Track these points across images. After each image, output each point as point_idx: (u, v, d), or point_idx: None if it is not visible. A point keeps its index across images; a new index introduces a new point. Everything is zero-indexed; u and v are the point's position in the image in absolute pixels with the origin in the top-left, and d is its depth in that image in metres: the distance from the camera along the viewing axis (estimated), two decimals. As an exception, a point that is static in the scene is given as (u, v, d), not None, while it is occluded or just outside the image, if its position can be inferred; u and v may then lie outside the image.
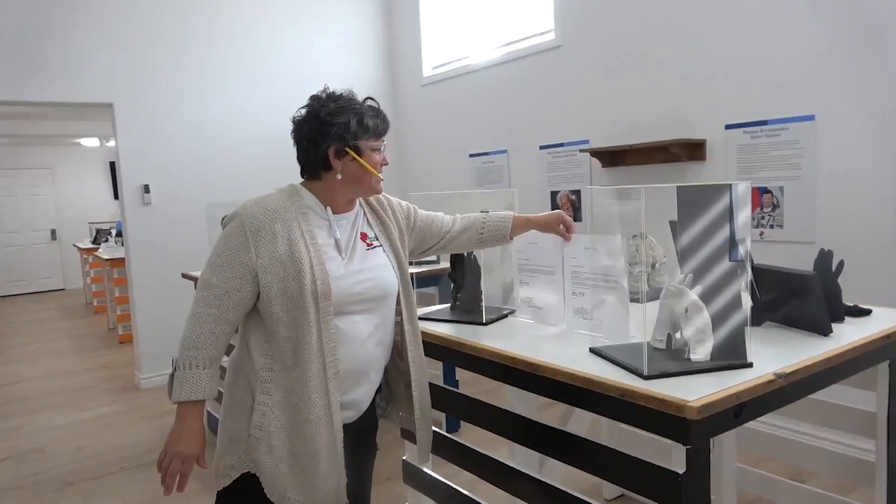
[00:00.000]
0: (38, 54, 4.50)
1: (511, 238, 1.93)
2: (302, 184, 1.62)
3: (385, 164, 1.60)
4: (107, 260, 6.94)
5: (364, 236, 1.63)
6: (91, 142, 10.37)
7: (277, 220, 1.50)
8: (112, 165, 10.96)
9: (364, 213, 1.68)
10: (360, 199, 1.68)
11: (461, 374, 3.40)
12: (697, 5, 3.52)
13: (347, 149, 1.54)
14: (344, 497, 1.56)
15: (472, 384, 2.99)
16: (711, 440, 2.30)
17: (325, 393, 1.48)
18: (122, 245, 5.34)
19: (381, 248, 1.65)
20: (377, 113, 1.60)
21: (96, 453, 3.70)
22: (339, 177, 1.56)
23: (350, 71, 5.91)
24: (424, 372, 1.72)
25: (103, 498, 3.14)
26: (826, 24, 3.02)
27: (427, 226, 1.84)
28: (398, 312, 1.67)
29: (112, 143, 4.98)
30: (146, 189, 4.86)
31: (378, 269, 1.60)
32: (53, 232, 11.34)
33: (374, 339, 1.59)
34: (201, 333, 1.46)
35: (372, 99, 1.64)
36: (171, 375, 1.48)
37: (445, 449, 2.05)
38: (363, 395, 1.61)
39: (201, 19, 5.12)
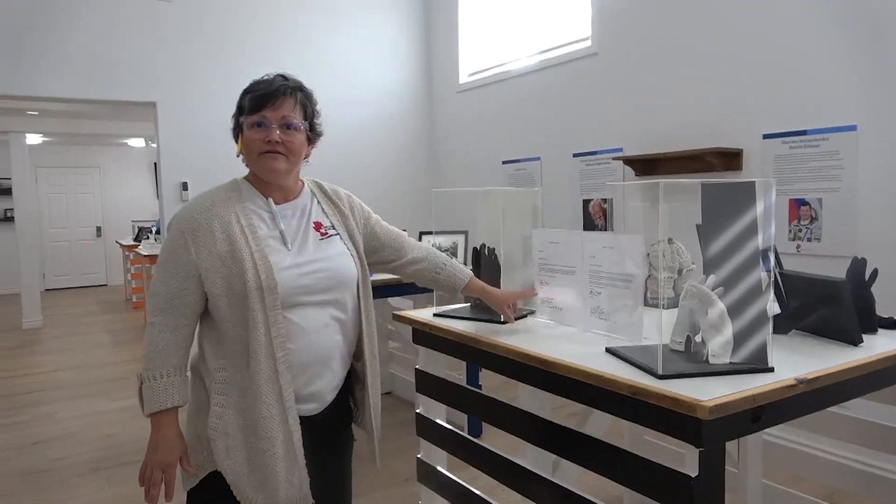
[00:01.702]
0: (86, 54, 4.67)
1: (461, 294, 1.86)
2: (244, 177, 1.58)
3: (270, 141, 1.46)
4: (145, 256, 7.12)
5: (318, 225, 1.58)
6: (137, 142, 10.68)
7: (214, 217, 1.46)
8: (156, 166, 11.28)
9: (318, 203, 1.62)
10: (314, 188, 1.64)
11: (485, 381, 3.38)
12: (736, 12, 3.45)
13: (239, 130, 1.52)
14: (309, 497, 1.51)
15: (497, 391, 2.96)
16: (735, 453, 2.24)
17: (278, 389, 1.44)
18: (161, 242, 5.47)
19: (337, 236, 1.59)
20: (257, 86, 1.50)
21: (124, 441, 3.77)
22: (242, 160, 1.54)
23: (387, 77, 5.98)
24: (376, 370, 1.68)
25: (126, 484, 3.20)
26: (870, 32, 2.93)
27: (388, 237, 1.78)
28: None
29: (156, 143, 5.12)
30: (184, 186, 4.98)
31: (334, 258, 1.55)
32: (98, 229, 11.69)
33: (332, 328, 1.53)
34: (160, 343, 1.45)
35: (282, 75, 1.54)
36: (140, 390, 1.47)
37: (462, 450, 2.02)
38: (326, 386, 1.55)
39: (243, 22, 5.25)
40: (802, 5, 3.16)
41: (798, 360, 1.48)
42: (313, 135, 1.59)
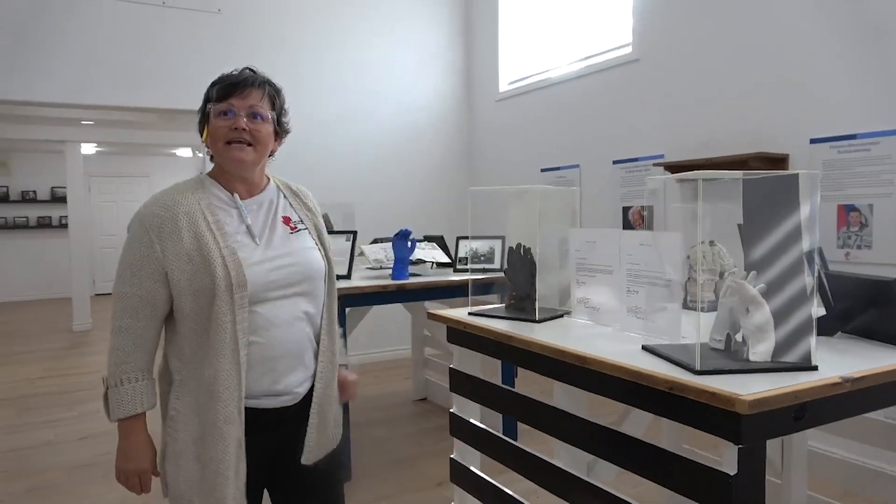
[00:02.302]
0: (136, 64, 4.83)
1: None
2: (208, 173, 1.54)
3: (237, 129, 1.43)
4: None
5: (287, 220, 1.55)
6: (185, 152, 10.98)
7: (180, 213, 1.41)
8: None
9: (285, 197, 1.60)
10: (279, 184, 1.61)
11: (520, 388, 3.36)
12: (779, 15, 3.38)
13: (206, 120, 1.48)
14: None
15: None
16: (779, 462, 2.16)
17: (238, 388, 1.38)
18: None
19: (306, 230, 1.57)
20: (226, 77, 1.50)
21: (165, 439, 3.85)
22: (209, 151, 1.50)
23: (428, 85, 6.03)
24: (333, 367, 1.59)
25: (166, 480, 3.26)
26: (925, 32, 2.83)
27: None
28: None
29: (202, 152, 5.27)
30: (228, 192, 5.10)
31: (303, 252, 1.52)
32: (146, 236, 12.02)
33: (303, 322, 1.50)
34: (125, 347, 1.40)
35: (250, 68, 1.56)
36: (105, 395, 1.42)
37: (495, 450, 2.00)
38: (300, 379, 1.51)
39: (286, 32, 5.37)
40: (850, 6, 3.08)
41: (844, 361, 1.43)
42: (281, 130, 1.56)
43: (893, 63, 2.93)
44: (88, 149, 10.02)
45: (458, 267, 3.70)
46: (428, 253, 3.61)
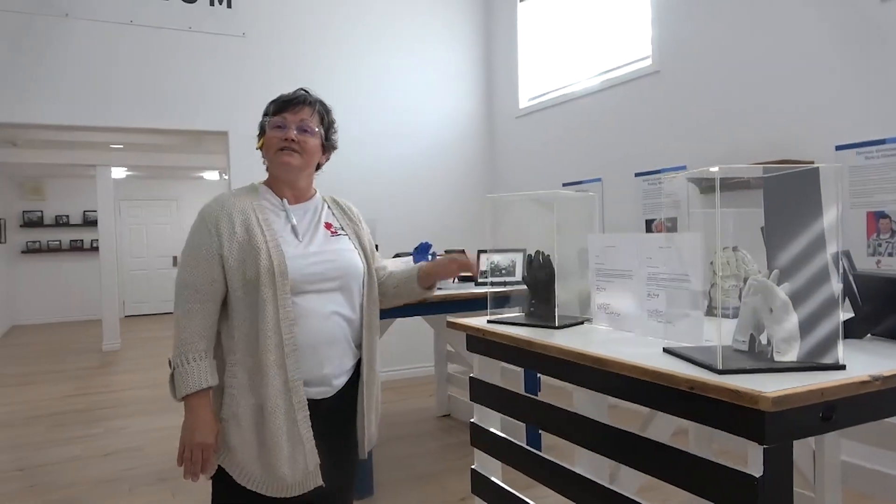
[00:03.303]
0: (163, 87, 4.95)
1: (425, 286, 1.86)
2: (262, 182, 1.74)
3: (287, 139, 1.64)
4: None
5: (329, 225, 1.73)
6: (212, 175, 11.18)
7: (234, 210, 1.60)
8: (229, 198, 11.75)
9: (329, 208, 1.78)
10: (326, 198, 1.80)
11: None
12: (801, 21, 3.35)
13: (263, 132, 1.70)
14: (318, 476, 1.58)
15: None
16: (811, 474, 2.09)
17: (283, 369, 1.53)
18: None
19: (346, 236, 1.74)
20: (282, 96, 1.72)
21: (189, 455, 3.87)
22: (265, 162, 1.72)
23: (448, 103, 6.08)
24: (374, 361, 1.75)
25: (190, 493, 3.27)
26: (952, 33, 2.78)
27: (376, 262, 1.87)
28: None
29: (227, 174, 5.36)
30: (252, 211, 5.16)
31: (341, 252, 1.68)
32: (175, 259, 12.22)
33: (339, 316, 1.64)
34: (191, 329, 1.53)
35: (304, 89, 1.76)
36: (171, 377, 1.54)
37: (517, 459, 1.97)
38: (333, 371, 1.64)
39: (309, 55, 5.46)
40: (871, 11, 3.04)
41: (873, 361, 1.39)
42: (328, 145, 1.76)
43: (920, 66, 2.88)
44: (119, 173, 10.26)
45: (480, 280, 3.68)
46: (449, 266, 3.61)
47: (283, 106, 1.69)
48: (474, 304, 3.35)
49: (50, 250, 11.29)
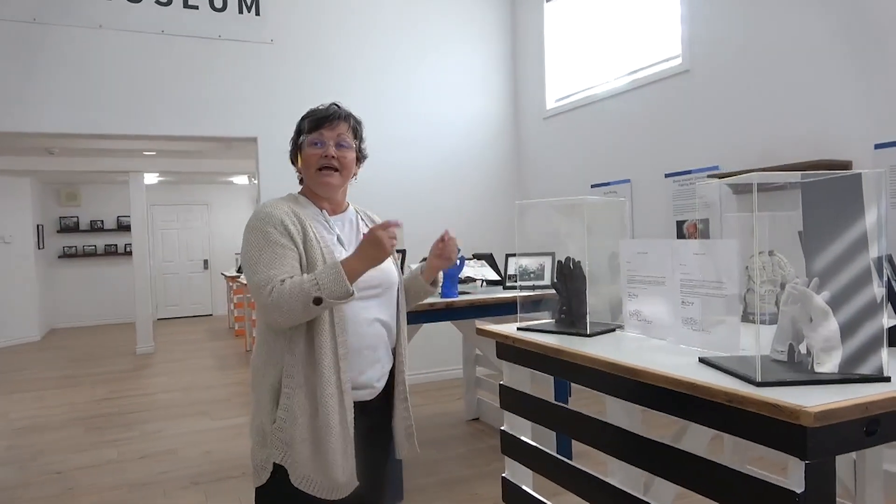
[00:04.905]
0: (195, 94, 5.03)
1: (429, 280, 1.89)
2: (299, 192, 1.79)
3: (327, 156, 1.68)
4: (246, 285, 7.46)
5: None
6: (241, 179, 11.33)
7: (289, 214, 1.63)
8: (258, 201, 11.92)
9: (362, 220, 1.84)
10: (356, 208, 1.85)
11: (573, 404, 3.28)
12: (837, 15, 3.27)
13: (299, 149, 1.74)
14: (355, 478, 1.61)
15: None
16: (852, 484, 2.04)
17: (337, 371, 1.58)
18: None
19: None
20: (317, 111, 1.73)
21: (222, 458, 3.92)
22: (298, 175, 1.77)
23: (476, 105, 6.06)
24: (405, 365, 1.81)
25: (223, 497, 3.31)
26: None
27: None
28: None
29: (257, 180, 5.42)
30: (281, 216, 5.22)
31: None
32: (206, 262, 12.42)
33: (379, 322, 1.70)
34: (295, 283, 1.51)
35: (335, 104, 1.76)
36: (323, 301, 1.50)
37: (548, 468, 1.95)
38: (378, 374, 1.71)
39: (335, 60, 5.49)
40: (915, 5, 2.95)
41: (920, 372, 1.34)
42: (361, 155, 1.81)
43: (963, 61, 2.78)
44: (151, 178, 10.46)
45: (508, 284, 3.66)
46: (477, 270, 3.60)
47: (320, 122, 1.71)
48: (502, 309, 3.33)
49: (86, 255, 11.55)
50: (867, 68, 3.16)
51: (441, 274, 1.94)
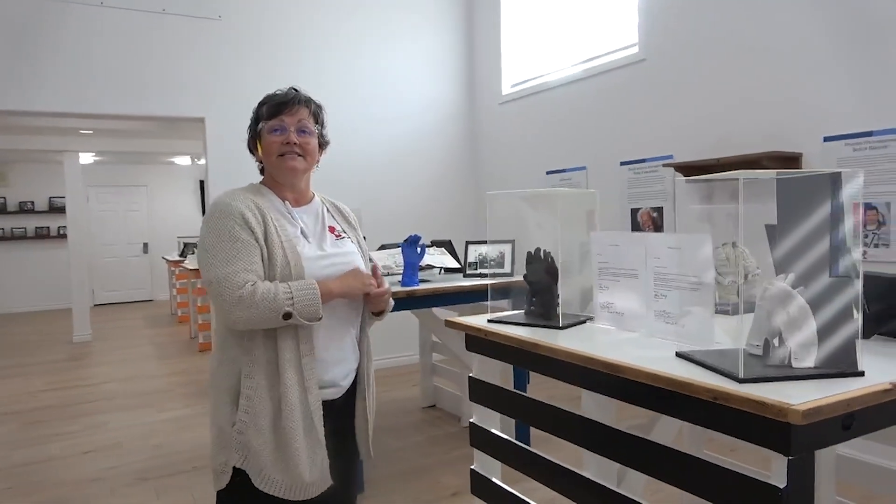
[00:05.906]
0: (137, 72, 4.78)
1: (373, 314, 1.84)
2: (260, 182, 1.72)
3: (288, 143, 1.61)
4: (191, 270, 7.23)
5: (332, 229, 1.74)
6: (183, 160, 10.93)
7: (250, 205, 1.57)
8: (202, 184, 11.53)
9: (329, 211, 1.78)
10: (322, 198, 1.79)
11: (532, 390, 3.30)
12: (790, 10, 3.34)
13: (258, 136, 1.66)
14: (328, 477, 1.58)
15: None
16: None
17: (299, 371, 1.53)
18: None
19: (348, 239, 1.75)
20: (275, 96, 1.66)
21: (171, 452, 3.79)
22: (259, 164, 1.71)
23: (431, 90, 5.99)
24: (371, 363, 1.81)
25: (174, 493, 3.20)
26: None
27: None
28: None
29: (202, 161, 5.21)
30: (230, 200, 5.04)
31: (349, 255, 1.70)
32: (146, 245, 11.97)
33: (347, 318, 1.68)
34: (268, 289, 1.47)
35: (294, 88, 1.69)
36: (293, 317, 1.48)
37: (519, 460, 1.95)
38: (344, 372, 1.68)
39: (286, 39, 5.32)
40: (860, 1, 3.04)
41: (888, 365, 1.38)
42: (323, 141, 1.74)
43: (908, 59, 2.89)
44: (87, 158, 9.97)
45: (468, 272, 3.64)
46: (437, 258, 3.56)
47: (279, 108, 1.64)
48: (463, 298, 3.31)
49: (14, 238, 10.96)
50: (818, 64, 3.25)
51: (391, 303, 1.86)
